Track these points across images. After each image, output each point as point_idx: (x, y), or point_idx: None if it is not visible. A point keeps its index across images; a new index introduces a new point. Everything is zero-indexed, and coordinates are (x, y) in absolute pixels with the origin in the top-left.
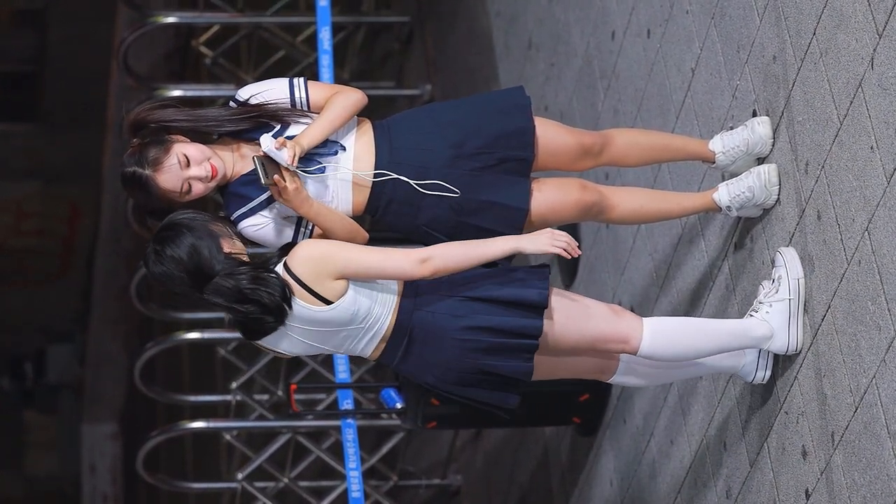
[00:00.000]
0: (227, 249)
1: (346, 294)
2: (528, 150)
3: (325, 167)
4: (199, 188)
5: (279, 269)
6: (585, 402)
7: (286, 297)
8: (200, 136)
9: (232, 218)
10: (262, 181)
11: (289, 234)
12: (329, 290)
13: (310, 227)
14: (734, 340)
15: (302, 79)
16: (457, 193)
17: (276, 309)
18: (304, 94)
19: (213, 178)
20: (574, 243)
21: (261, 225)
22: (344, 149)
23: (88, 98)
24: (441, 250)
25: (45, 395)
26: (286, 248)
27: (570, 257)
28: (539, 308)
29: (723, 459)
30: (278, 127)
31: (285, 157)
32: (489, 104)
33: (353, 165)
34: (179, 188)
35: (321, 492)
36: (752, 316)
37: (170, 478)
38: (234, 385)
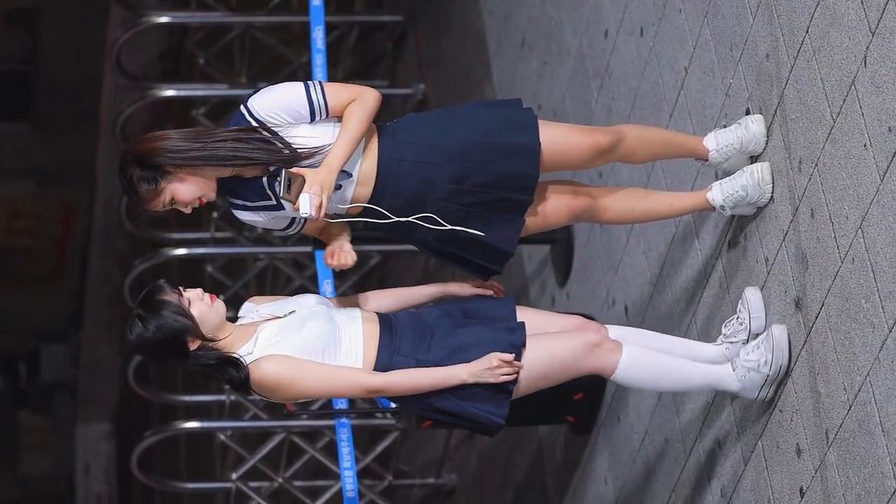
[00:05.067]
0: (192, 348)
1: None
2: (527, 194)
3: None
4: (183, 209)
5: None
6: (579, 400)
7: (247, 387)
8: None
9: (230, 202)
10: (281, 195)
11: (281, 225)
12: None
13: (301, 224)
14: (704, 387)
15: (318, 83)
16: (444, 226)
17: (241, 387)
18: (321, 100)
19: (200, 205)
20: (513, 362)
21: (254, 220)
22: (350, 175)
23: (82, 98)
24: (393, 385)
25: (39, 396)
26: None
27: (516, 377)
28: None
29: (717, 458)
30: (286, 153)
31: (315, 217)
32: (499, 140)
33: (355, 191)
34: (162, 209)
35: (315, 492)
36: (727, 357)
37: (164, 478)
38: (227, 385)
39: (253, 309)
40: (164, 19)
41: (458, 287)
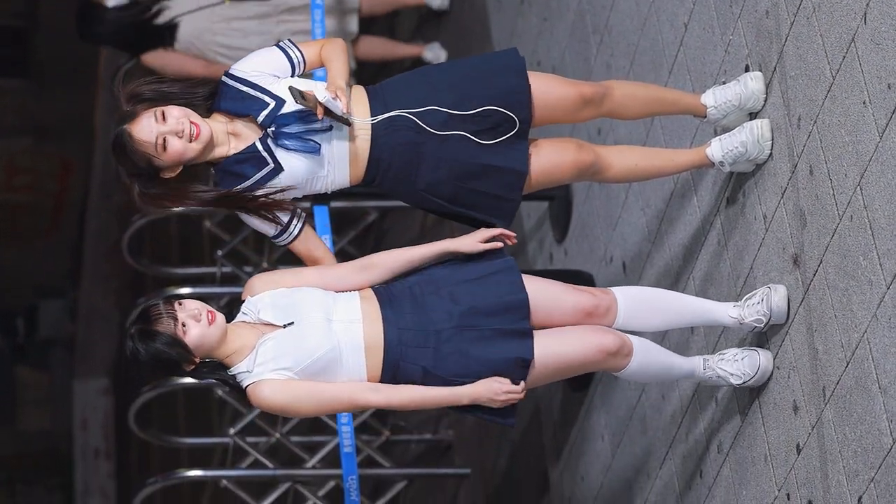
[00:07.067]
0: (190, 368)
1: None
2: (524, 111)
3: (330, 126)
4: (175, 146)
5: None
6: None
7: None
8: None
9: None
10: (297, 102)
11: (283, 218)
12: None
13: (301, 223)
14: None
15: (287, 41)
16: (465, 112)
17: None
18: (298, 53)
19: (195, 137)
20: (515, 388)
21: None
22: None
23: (80, 54)
24: (395, 403)
25: (37, 351)
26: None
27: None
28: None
29: (714, 414)
30: (273, 104)
31: (340, 106)
32: (483, 66)
33: (351, 135)
34: (153, 141)
35: (313, 447)
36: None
37: (162, 433)
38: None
39: (253, 307)
40: None
41: (465, 242)
